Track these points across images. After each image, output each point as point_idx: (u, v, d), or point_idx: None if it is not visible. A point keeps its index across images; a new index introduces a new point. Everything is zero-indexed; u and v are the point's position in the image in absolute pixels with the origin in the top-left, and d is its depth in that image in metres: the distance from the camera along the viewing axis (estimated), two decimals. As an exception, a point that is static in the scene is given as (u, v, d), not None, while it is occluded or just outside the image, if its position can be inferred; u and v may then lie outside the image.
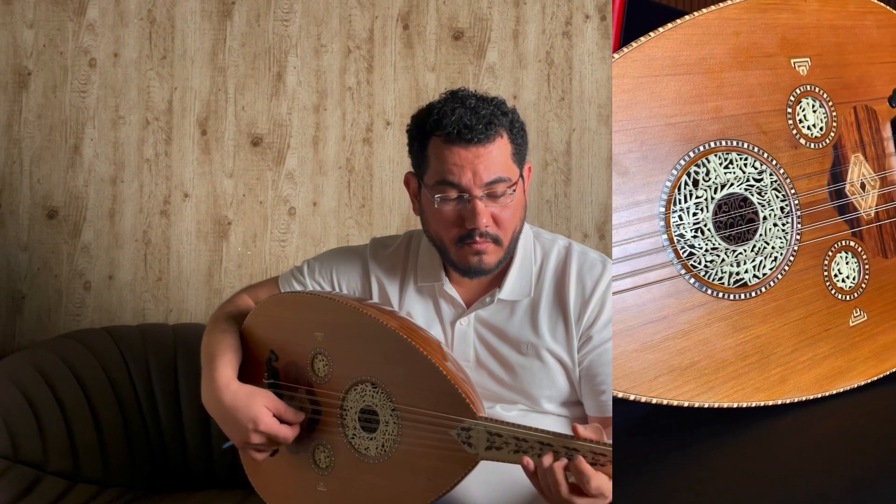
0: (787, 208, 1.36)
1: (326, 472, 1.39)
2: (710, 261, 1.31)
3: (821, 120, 1.41)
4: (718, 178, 1.32)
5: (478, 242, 1.35)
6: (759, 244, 1.34)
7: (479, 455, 1.24)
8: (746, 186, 1.34)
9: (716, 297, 1.30)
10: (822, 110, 1.41)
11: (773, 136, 1.36)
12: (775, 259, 1.35)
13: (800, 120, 1.39)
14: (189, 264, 2.29)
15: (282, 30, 2.30)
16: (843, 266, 1.41)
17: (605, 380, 1.37)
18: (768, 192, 1.35)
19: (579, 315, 1.39)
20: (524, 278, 1.42)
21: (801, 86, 1.40)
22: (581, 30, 2.29)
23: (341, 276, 1.51)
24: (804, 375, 1.34)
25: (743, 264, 1.33)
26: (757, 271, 1.34)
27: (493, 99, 1.39)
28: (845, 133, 1.43)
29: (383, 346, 1.32)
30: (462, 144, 1.33)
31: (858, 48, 1.46)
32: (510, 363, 1.40)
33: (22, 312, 2.28)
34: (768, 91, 1.37)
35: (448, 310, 1.44)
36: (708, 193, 1.31)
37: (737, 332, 1.30)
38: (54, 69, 2.29)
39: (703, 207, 1.31)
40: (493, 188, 1.34)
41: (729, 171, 1.33)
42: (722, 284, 1.31)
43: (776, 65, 1.38)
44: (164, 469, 1.99)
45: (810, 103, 1.40)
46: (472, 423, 1.24)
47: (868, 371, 1.39)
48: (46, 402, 1.82)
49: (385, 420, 1.32)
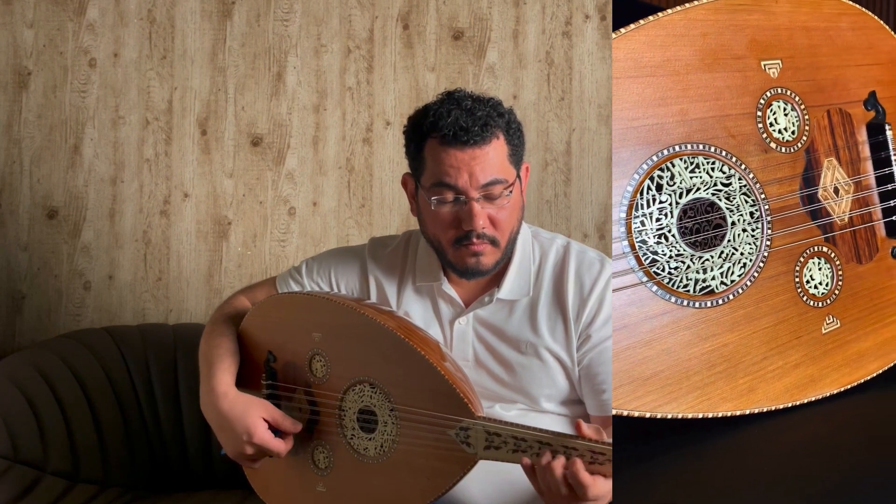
0: (756, 213, 1.33)
1: (326, 473, 1.39)
2: (674, 267, 1.27)
3: (792, 123, 1.38)
4: (684, 183, 1.29)
5: (475, 244, 1.35)
6: (727, 250, 1.31)
7: (478, 455, 1.24)
8: (714, 191, 1.31)
9: (680, 304, 1.26)
10: (793, 113, 1.38)
11: (742, 140, 1.33)
12: (744, 265, 1.31)
13: (770, 123, 1.36)
14: (189, 264, 2.29)
15: (282, 30, 2.30)
16: (816, 272, 1.37)
17: (605, 379, 1.37)
18: (737, 196, 1.32)
19: (578, 314, 1.39)
20: (523, 278, 1.42)
21: (771, 88, 1.37)
22: (581, 30, 2.29)
23: (339, 276, 1.51)
24: (774, 384, 1.31)
25: (710, 271, 1.29)
26: (725, 278, 1.30)
27: (490, 100, 1.38)
28: (818, 137, 1.40)
29: (381, 346, 1.32)
30: (458, 146, 1.33)
31: (832, 50, 1.43)
32: (509, 362, 1.40)
33: (22, 312, 2.28)
34: (737, 94, 1.34)
35: (447, 309, 1.45)
36: (672, 198, 1.28)
37: (703, 341, 1.27)
38: (54, 69, 2.29)
39: (667, 213, 1.27)
40: (489, 190, 1.34)
41: (695, 176, 1.30)
42: (687, 292, 1.27)
43: (745, 67, 1.35)
44: (164, 469, 2.00)
45: (781, 106, 1.37)
46: (470, 422, 1.24)
47: (841, 379, 1.36)
48: (46, 402, 1.82)
49: (384, 420, 1.32)
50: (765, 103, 1.36)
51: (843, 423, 1.32)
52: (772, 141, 1.36)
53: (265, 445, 1.35)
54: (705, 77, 1.31)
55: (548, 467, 1.16)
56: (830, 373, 1.36)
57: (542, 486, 1.18)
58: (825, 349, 1.36)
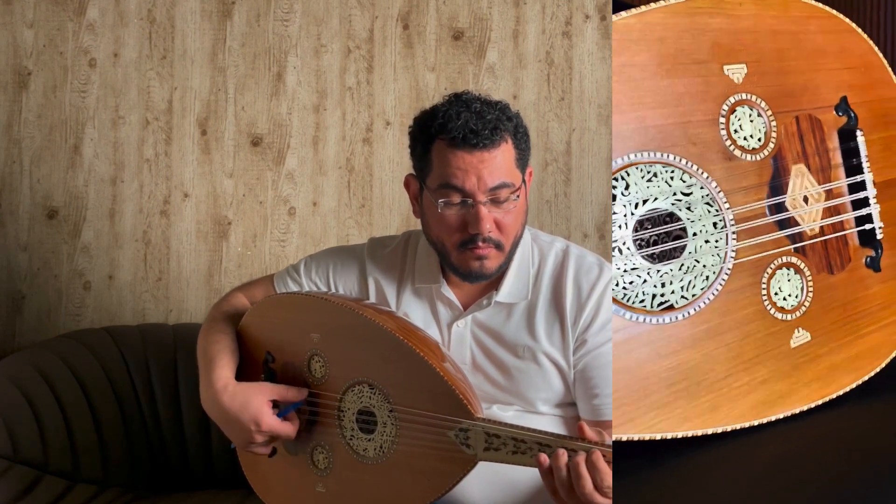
0: (720, 223, 1.26)
1: (325, 473, 1.39)
2: (629, 282, 1.22)
3: (758, 130, 1.32)
4: (640, 193, 1.23)
5: (480, 248, 1.35)
6: (688, 262, 1.25)
7: (478, 456, 1.24)
8: (673, 201, 1.25)
9: (636, 321, 1.21)
10: (759, 120, 1.32)
11: (703, 148, 1.26)
12: (707, 278, 1.25)
13: (735, 130, 1.30)
14: (189, 264, 2.29)
15: (282, 30, 2.30)
16: (785, 283, 1.31)
17: (598, 383, 1.36)
18: (698, 206, 1.25)
19: (575, 318, 1.39)
20: (521, 281, 1.42)
21: (736, 94, 1.31)
22: (581, 30, 2.28)
23: (338, 276, 1.51)
24: (739, 402, 1.24)
25: (668, 285, 1.23)
26: (685, 292, 1.24)
27: (498, 103, 1.38)
28: (786, 144, 1.34)
29: (380, 347, 1.32)
30: (467, 149, 1.32)
31: (801, 54, 1.37)
32: (506, 366, 1.40)
33: (22, 312, 2.29)
34: (698, 100, 1.26)
35: (445, 312, 1.44)
36: (628, 209, 1.23)
37: (661, 358, 1.20)
38: (54, 69, 2.29)
39: (621, 224, 1.22)
40: (496, 193, 1.34)
41: (652, 185, 1.23)
42: (643, 307, 1.22)
43: (707, 72, 1.28)
44: (164, 469, 2.00)
45: (746, 112, 1.31)
46: (469, 423, 1.24)
47: (811, 395, 1.30)
48: (46, 402, 1.82)
49: (383, 421, 1.32)
50: (728, 109, 1.30)
51: (813, 440, 1.26)
52: (736, 149, 1.30)
53: (274, 431, 1.36)
54: (664, 83, 1.25)
55: (573, 463, 1.14)
56: (800, 388, 1.30)
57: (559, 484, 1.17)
58: (795, 363, 1.31)
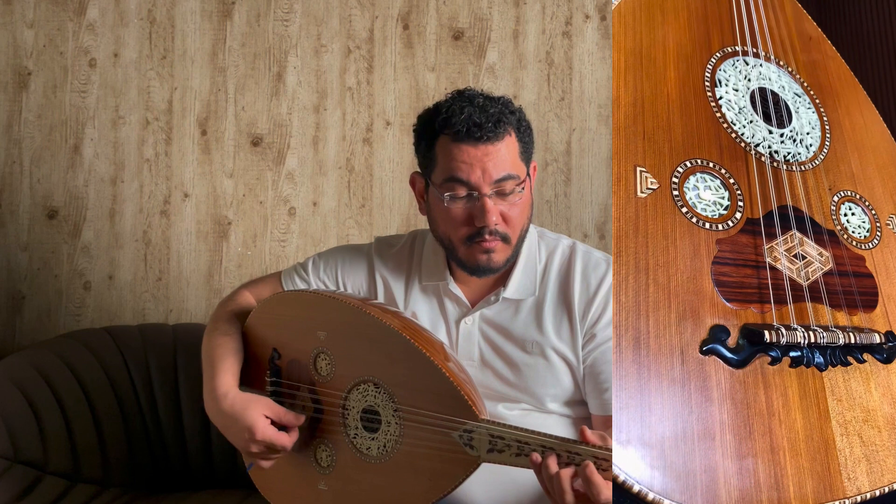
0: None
1: (328, 472, 1.39)
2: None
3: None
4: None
5: (487, 240, 1.35)
6: None
7: (481, 457, 1.24)
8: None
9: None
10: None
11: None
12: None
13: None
14: (189, 264, 2.29)
15: (282, 30, 2.30)
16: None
17: (608, 378, 1.37)
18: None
19: (584, 313, 1.39)
20: (529, 277, 1.42)
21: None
22: (581, 30, 2.29)
23: (346, 275, 1.51)
24: None
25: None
26: None
27: (501, 98, 1.39)
28: None
29: (386, 346, 1.32)
30: (471, 142, 1.33)
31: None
32: (515, 362, 1.40)
33: (22, 312, 2.28)
34: None
35: (453, 309, 1.45)
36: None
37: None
38: (54, 69, 2.29)
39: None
40: (501, 186, 1.34)
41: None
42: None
43: None
44: (164, 469, 1.99)
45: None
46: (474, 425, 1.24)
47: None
48: (46, 402, 1.81)
49: (387, 420, 1.32)
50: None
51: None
52: None
53: (268, 441, 1.35)
54: None
55: (556, 476, 1.16)
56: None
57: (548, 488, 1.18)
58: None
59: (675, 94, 1.47)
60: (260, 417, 1.35)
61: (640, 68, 1.46)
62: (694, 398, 1.22)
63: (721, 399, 1.24)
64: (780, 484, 1.21)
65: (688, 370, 1.24)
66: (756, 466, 1.21)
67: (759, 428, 1.24)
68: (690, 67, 1.53)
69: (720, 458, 1.19)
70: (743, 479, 1.19)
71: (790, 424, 1.26)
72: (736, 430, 1.22)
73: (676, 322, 1.27)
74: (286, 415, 1.37)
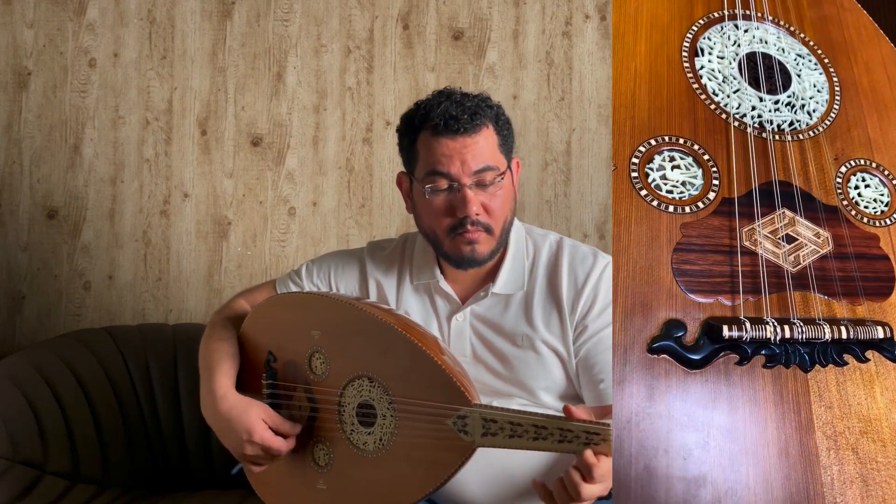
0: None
1: (326, 470, 1.39)
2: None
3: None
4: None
5: (469, 231, 1.38)
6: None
7: (476, 442, 1.24)
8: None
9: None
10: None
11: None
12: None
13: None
14: (189, 264, 2.29)
15: (282, 30, 2.30)
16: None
17: (602, 368, 1.38)
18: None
19: (573, 306, 1.41)
20: (517, 272, 1.45)
21: None
22: (581, 30, 2.29)
23: (339, 278, 1.53)
24: None
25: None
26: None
27: (479, 94, 1.43)
28: None
29: (379, 340, 1.33)
30: (449, 135, 1.37)
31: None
32: (506, 355, 1.42)
33: (22, 312, 2.28)
34: None
35: (444, 306, 1.47)
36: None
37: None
38: (54, 69, 2.29)
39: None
40: (481, 176, 1.37)
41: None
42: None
43: None
44: (164, 469, 1.99)
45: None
46: (467, 410, 1.24)
47: None
48: (46, 402, 1.82)
49: (382, 414, 1.33)
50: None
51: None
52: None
53: (265, 443, 1.36)
54: None
55: (567, 475, 1.16)
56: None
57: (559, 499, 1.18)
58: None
59: (643, 68, 1.37)
60: (258, 420, 1.36)
61: (615, 48, 1.39)
62: (634, 404, 1.07)
63: (668, 406, 1.07)
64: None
65: (629, 372, 1.09)
66: (707, 485, 1.04)
67: (716, 439, 1.07)
68: (666, 38, 1.43)
69: (662, 478, 1.04)
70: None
71: (758, 435, 1.08)
72: (682, 443, 1.06)
73: (622, 318, 1.13)
74: (283, 424, 1.38)
